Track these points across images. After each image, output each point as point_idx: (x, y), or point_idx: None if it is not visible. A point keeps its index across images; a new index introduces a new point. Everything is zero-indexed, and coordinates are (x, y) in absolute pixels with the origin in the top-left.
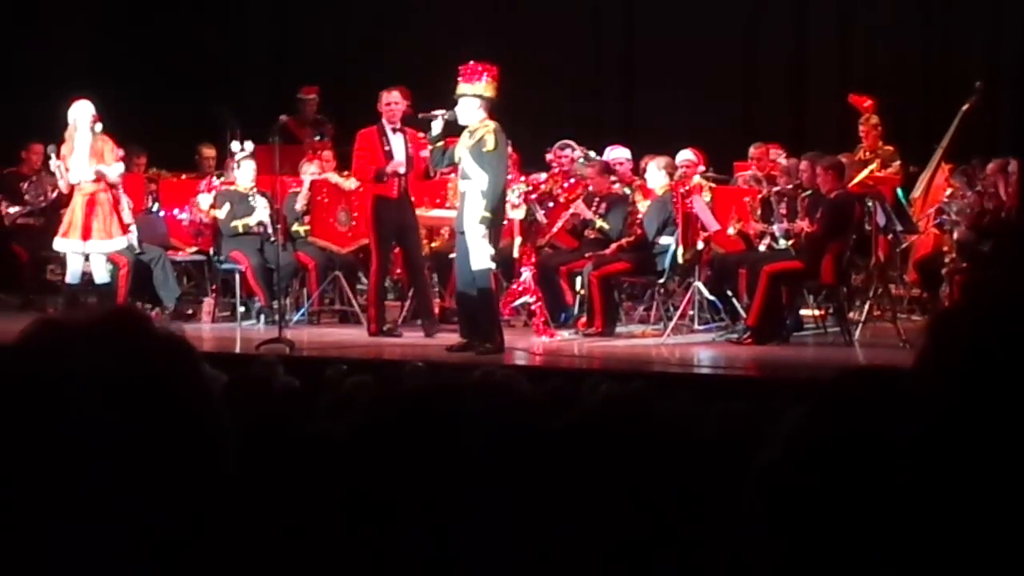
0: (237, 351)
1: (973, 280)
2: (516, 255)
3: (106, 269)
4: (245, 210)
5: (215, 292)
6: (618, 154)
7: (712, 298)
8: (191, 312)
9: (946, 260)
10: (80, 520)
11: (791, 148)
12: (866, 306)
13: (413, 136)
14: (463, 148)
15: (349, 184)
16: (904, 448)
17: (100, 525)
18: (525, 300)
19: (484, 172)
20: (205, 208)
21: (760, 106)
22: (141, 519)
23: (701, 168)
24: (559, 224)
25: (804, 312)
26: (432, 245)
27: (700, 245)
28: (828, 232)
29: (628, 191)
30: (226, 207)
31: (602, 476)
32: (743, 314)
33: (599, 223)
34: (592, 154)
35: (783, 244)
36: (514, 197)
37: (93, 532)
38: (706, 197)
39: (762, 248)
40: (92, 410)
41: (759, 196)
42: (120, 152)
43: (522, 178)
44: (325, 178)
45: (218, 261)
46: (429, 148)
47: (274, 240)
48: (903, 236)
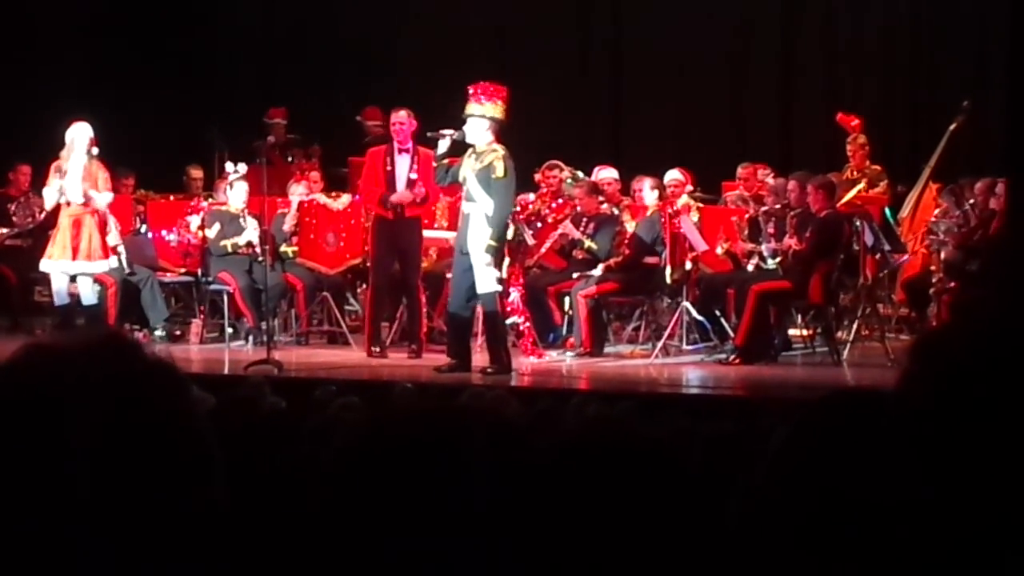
0: (225, 372)
1: (961, 300)
2: (504, 275)
3: (93, 290)
4: (235, 230)
5: (203, 313)
6: (606, 174)
7: (700, 318)
8: (179, 333)
9: (934, 280)
10: (67, 543)
11: (778, 168)
12: (854, 326)
13: (425, 158)
14: (469, 169)
15: (337, 205)
16: (887, 468)
17: (87, 549)
18: (513, 320)
19: (491, 198)
20: (195, 228)
21: (748, 126)
22: (128, 544)
23: (689, 188)
24: (547, 244)
25: (792, 332)
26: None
27: (688, 265)
28: (816, 252)
29: (616, 211)
30: (216, 227)
31: (585, 499)
32: (731, 334)
33: (587, 243)
34: (580, 174)
35: (771, 264)
36: None
37: (81, 556)
38: (694, 217)
39: (750, 268)
40: (80, 434)
41: (747, 216)
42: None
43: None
44: (313, 199)
45: (206, 282)
46: (434, 164)
47: (262, 261)
48: (891, 256)
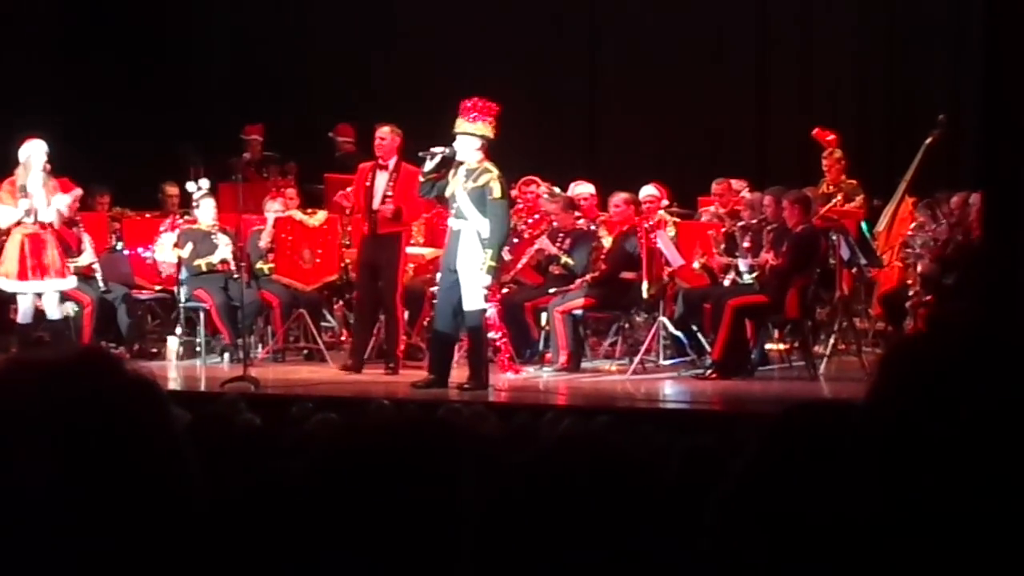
0: (202, 389)
1: (937, 313)
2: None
3: (58, 307)
4: (208, 248)
5: (180, 330)
6: (582, 190)
7: (677, 333)
8: (155, 350)
9: (910, 293)
10: (45, 560)
11: (754, 182)
12: (831, 340)
13: (406, 174)
14: (459, 187)
15: (313, 222)
16: (852, 480)
17: (65, 565)
18: (490, 336)
19: (486, 219)
20: (166, 253)
21: (724, 141)
22: (106, 561)
23: (665, 203)
24: (524, 260)
25: (769, 346)
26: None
27: (665, 280)
28: (793, 266)
29: (593, 226)
30: (189, 246)
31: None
32: (708, 349)
33: (564, 259)
34: (557, 190)
35: (747, 279)
36: None
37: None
38: (670, 232)
39: (727, 283)
40: (59, 450)
41: (723, 231)
42: (78, 191)
43: None
44: (289, 215)
45: (183, 299)
46: (420, 178)
47: (238, 278)
48: (867, 270)
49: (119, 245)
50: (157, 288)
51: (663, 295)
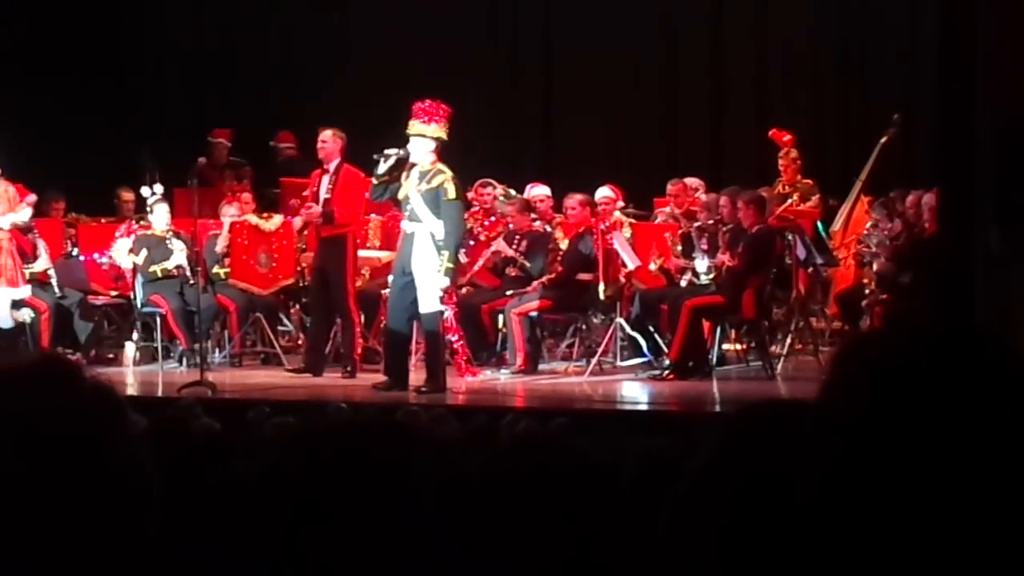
0: (159, 394)
1: (893, 312)
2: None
3: (10, 314)
4: (162, 254)
5: (137, 336)
6: (538, 192)
7: (634, 334)
8: (112, 356)
9: (867, 292)
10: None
11: (710, 183)
12: (788, 340)
13: (345, 176)
14: (412, 188)
15: (269, 226)
16: (806, 479)
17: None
18: (447, 339)
19: (441, 220)
20: (123, 258)
21: (679, 142)
22: (63, 568)
23: (620, 204)
24: (480, 262)
25: (726, 347)
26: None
27: (621, 281)
28: (749, 267)
29: (549, 228)
30: (143, 252)
31: (515, 516)
32: (665, 350)
33: (520, 261)
34: (512, 192)
35: (704, 279)
36: None
37: None
38: (626, 233)
39: (683, 283)
40: (16, 456)
41: (680, 231)
42: (33, 197)
43: None
44: (245, 220)
45: (139, 305)
46: (373, 181)
47: (194, 283)
48: (823, 269)
49: (74, 251)
50: (113, 294)
51: (619, 296)
